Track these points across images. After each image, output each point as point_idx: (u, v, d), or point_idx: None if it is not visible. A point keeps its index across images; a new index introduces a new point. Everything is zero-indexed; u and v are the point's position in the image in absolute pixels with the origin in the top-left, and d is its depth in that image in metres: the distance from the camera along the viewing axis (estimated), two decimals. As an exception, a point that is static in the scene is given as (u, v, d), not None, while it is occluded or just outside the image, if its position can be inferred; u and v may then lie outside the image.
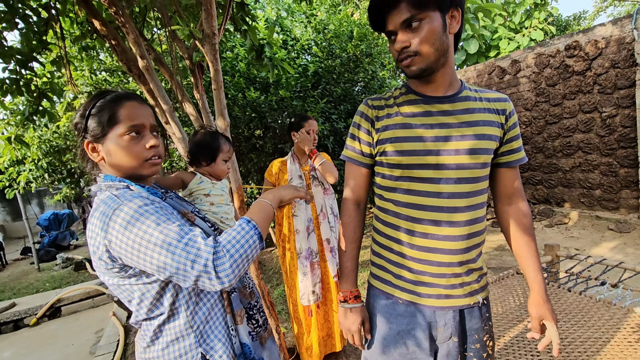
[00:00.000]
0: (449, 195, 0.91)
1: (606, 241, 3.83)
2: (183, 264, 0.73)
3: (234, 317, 0.98)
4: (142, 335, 0.92)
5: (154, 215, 0.78)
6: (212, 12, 1.67)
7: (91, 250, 0.84)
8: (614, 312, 1.83)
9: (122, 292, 0.87)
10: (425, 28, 0.84)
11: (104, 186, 0.86)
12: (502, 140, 0.97)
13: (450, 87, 0.95)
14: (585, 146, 4.62)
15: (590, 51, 4.33)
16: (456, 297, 0.95)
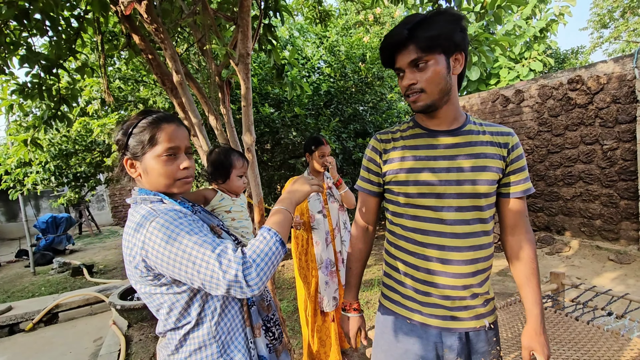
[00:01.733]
0: (452, 222, 0.98)
1: (607, 271, 3.87)
2: (216, 274, 0.77)
3: (253, 330, 1.01)
4: (166, 344, 0.95)
5: (187, 227, 0.83)
6: (248, 34, 1.75)
7: (127, 259, 0.88)
8: (623, 343, 1.85)
9: (152, 300, 0.91)
10: (431, 69, 0.92)
11: (139, 199, 0.92)
12: (505, 172, 1.01)
13: (454, 121, 1.02)
14: (587, 176, 4.73)
15: (592, 86, 4.50)
16: (462, 320, 1.01)
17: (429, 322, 1.02)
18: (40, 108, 3.84)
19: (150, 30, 1.71)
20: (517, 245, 1.05)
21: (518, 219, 1.04)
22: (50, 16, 2.27)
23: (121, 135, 0.93)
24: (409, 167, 1.02)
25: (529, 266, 1.03)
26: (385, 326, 1.11)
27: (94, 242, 8.88)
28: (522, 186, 1.02)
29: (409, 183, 1.01)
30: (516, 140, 1.02)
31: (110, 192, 11.62)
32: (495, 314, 1.08)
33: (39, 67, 2.61)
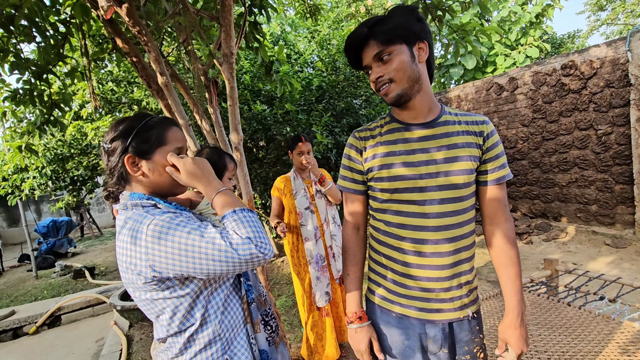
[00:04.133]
0: (435, 215, 0.98)
1: (603, 256, 3.90)
2: (230, 254, 0.81)
3: (253, 326, 1.04)
4: (165, 348, 0.95)
5: (187, 223, 0.84)
6: (231, 34, 1.75)
7: (124, 267, 0.87)
8: (613, 326, 1.88)
9: (153, 307, 0.90)
10: (396, 59, 0.94)
11: (130, 204, 0.90)
12: (481, 160, 1.01)
13: (429, 112, 1.02)
14: (582, 162, 4.74)
15: (586, 71, 4.48)
16: (446, 311, 1.02)
17: (412, 314, 1.04)
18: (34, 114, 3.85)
19: (133, 32, 1.71)
20: (496, 234, 1.04)
21: (496, 207, 1.03)
22: (35, 22, 2.27)
23: (122, 134, 0.91)
24: (389, 163, 1.02)
25: (506, 255, 1.02)
26: (372, 320, 1.14)
27: (95, 244, 8.94)
28: (499, 173, 1.01)
29: (392, 179, 1.01)
30: (491, 128, 1.02)
31: (110, 196, 11.65)
32: (478, 303, 1.08)
33: (29, 73, 2.61)
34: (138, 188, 0.95)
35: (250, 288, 1.07)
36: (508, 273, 1.01)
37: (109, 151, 0.93)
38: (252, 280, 1.12)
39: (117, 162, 0.92)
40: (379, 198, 1.07)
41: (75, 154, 4.95)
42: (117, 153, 0.92)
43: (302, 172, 2.35)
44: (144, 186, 0.95)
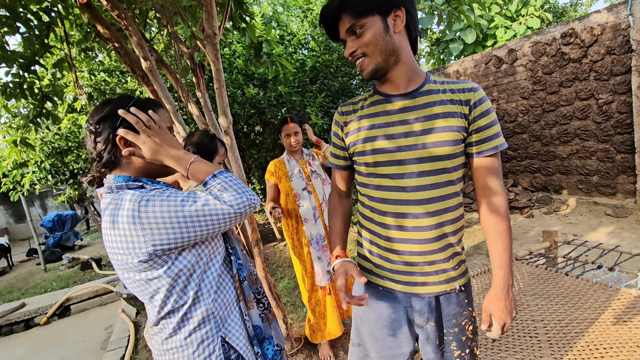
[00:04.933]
0: (413, 189, 0.96)
1: (603, 226, 3.89)
2: (227, 210, 0.88)
3: (246, 303, 1.05)
4: (158, 330, 0.95)
5: (177, 194, 0.87)
6: (213, 13, 1.70)
7: (115, 249, 0.86)
8: (610, 294, 1.88)
9: (148, 287, 0.89)
10: (368, 32, 0.90)
11: (115, 187, 0.88)
12: (468, 131, 0.96)
13: (410, 82, 0.98)
14: (582, 133, 4.67)
15: (586, 38, 4.35)
16: (431, 284, 1.00)
17: (398, 288, 1.04)
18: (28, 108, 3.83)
19: (113, 17, 1.67)
20: (485, 206, 1.00)
21: (486, 179, 0.98)
22: (17, 13, 2.22)
23: (109, 115, 0.89)
24: (369, 136, 1.00)
25: (495, 228, 0.98)
26: (360, 293, 1.14)
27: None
28: (487, 144, 0.95)
29: (370, 152, 1.00)
30: (479, 96, 0.95)
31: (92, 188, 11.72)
32: (467, 276, 1.07)
33: (17, 66, 2.58)
34: (126, 171, 0.93)
35: (241, 267, 1.08)
36: (496, 246, 0.99)
37: (96, 132, 0.90)
38: (243, 259, 1.12)
39: (106, 144, 0.89)
40: (361, 172, 1.06)
41: (73, 147, 4.94)
42: (105, 134, 0.89)
43: (294, 153, 2.33)
44: (134, 168, 0.93)
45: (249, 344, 1.02)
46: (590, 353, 1.47)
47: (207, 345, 0.94)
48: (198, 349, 0.94)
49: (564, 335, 1.62)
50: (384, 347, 1.10)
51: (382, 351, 1.10)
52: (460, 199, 1.01)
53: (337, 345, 2.36)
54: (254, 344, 1.04)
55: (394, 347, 1.09)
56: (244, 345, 1.00)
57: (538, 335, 1.66)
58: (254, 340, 1.04)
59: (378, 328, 1.10)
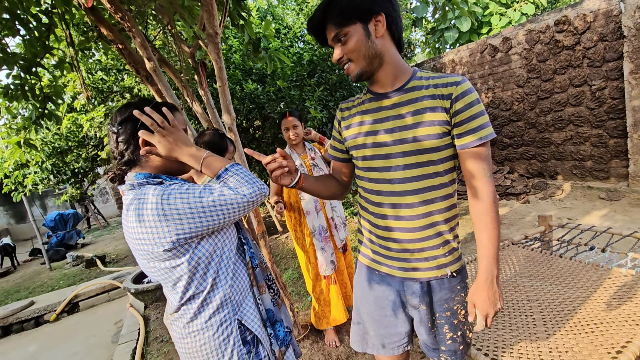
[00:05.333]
0: (399, 181, 1.03)
1: (597, 210, 3.99)
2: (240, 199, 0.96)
3: (259, 288, 1.14)
4: (179, 316, 1.04)
5: (195, 187, 0.94)
6: (214, 12, 1.75)
7: (139, 240, 0.93)
8: (602, 273, 1.98)
9: (171, 274, 0.97)
10: (352, 40, 0.97)
11: (136, 184, 0.96)
12: (452, 124, 0.98)
13: (396, 80, 1.04)
14: (576, 119, 4.74)
15: (579, 25, 4.40)
16: (423, 270, 1.08)
17: (393, 272, 1.13)
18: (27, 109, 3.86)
19: (116, 19, 1.71)
20: (471, 198, 1.03)
21: (471, 170, 1.00)
22: (17, 15, 2.24)
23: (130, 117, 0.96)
24: (363, 132, 1.08)
25: (479, 219, 1.01)
26: (360, 277, 1.24)
27: (103, 234, 9.13)
28: (472, 136, 0.96)
29: (363, 147, 1.08)
30: (462, 89, 0.95)
31: (113, 185, 11.76)
32: (460, 263, 1.11)
33: (18, 68, 2.60)
34: (146, 169, 1.01)
35: (253, 255, 1.16)
36: (480, 237, 1.01)
37: (118, 133, 0.98)
38: (254, 249, 1.20)
39: (128, 144, 0.98)
40: (358, 165, 1.15)
41: (73, 146, 4.98)
42: (127, 135, 0.97)
43: (295, 147, 2.37)
44: (152, 166, 1.01)
45: (262, 326, 1.11)
46: (582, 328, 1.56)
47: (226, 327, 1.03)
48: (217, 330, 1.02)
49: (557, 313, 1.71)
50: (381, 326, 1.19)
51: (379, 330, 1.20)
52: (450, 189, 1.05)
53: (342, 330, 2.46)
54: (267, 326, 1.13)
55: (390, 326, 1.18)
56: (258, 327, 1.09)
57: (533, 314, 1.75)
58: (267, 323, 1.14)
59: (376, 309, 1.19)
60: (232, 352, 1.03)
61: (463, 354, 1.17)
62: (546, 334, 1.57)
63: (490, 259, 0.99)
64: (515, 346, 1.52)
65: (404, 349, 1.22)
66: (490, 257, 0.99)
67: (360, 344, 1.27)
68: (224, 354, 1.03)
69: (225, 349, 1.03)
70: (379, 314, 1.18)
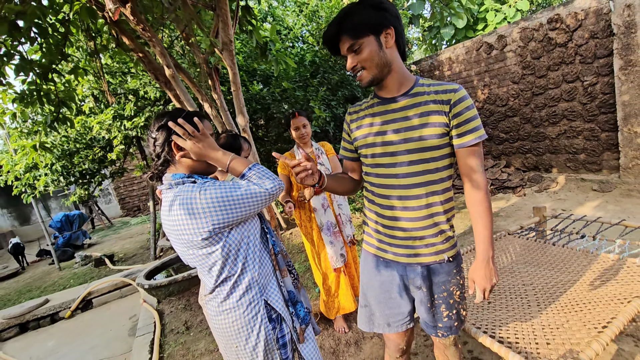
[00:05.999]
0: (404, 175, 1.17)
1: (590, 201, 4.16)
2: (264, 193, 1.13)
3: (281, 272, 1.30)
4: (213, 297, 1.20)
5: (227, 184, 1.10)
6: (228, 22, 1.88)
7: (180, 231, 1.09)
8: (591, 259, 2.13)
9: (208, 260, 1.13)
10: (365, 50, 1.09)
11: (174, 183, 1.12)
12: (450, 126, 1.12)
13: (401, 87, 1.17)
14: (570, 114, 4.90)
15: (571, 23, 4.55)
16: (423, 256, 1.23)
17: (397, 259, 1.27)
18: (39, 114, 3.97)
19: (137, 30, 1.84)
20: (467, 190, 1.18)
21: (467, 166, 1.15)
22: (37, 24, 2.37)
23: (165, 125, 1.12)
24: (369, 133, 1.23)
25: (475, 209, 1.17)
26: (366, 264, 1.39)
27: (108, 234, 9.24)
28: (468, 136, 1.11)
29: (372, 145, 1.22)
30: (459, 96, 1.10)
31: (115, 185, 11.85)
32: (455, 249, 1.26)
33: (34, 74, 2.72)
34: (180, 169, 1.17)
35: (275, 242, 1.32)
36: (477, 224, 1.18)
37: (156, 138, 1.15)
38: (275, 237, 1.35)
39: (163, 147, 1.14)
40: (365, 162, 1.29)
41: (80, 148, 5.09)
42: (162, 140, 1.13)
43: (304, 146, 2.43)
44: (185, 167, 1.17)
45: (285, 306, 1.27)
46: (572, 308, 1.71)
47: (254, 306, 1.19)
48: (247, 309, 1.18)
49: (550, 296, 1.86)
50: (386, 308, 1.34)
51: (384, 310, 1.35)
52: (448, 184, 1.21)
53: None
54: (289, 306, 1.29)
55: (395, 307, 1.33)
56: (282, 306, 1.25)
57: (528, 297, 1.90)
58: (288, 303, 1.30)
59: (382, 292, 1.34)
60: (260, 327, 1.19)
61: (457, 330, 1.33)
62: (539, 314, 1.73)
63: (486, 242, 1.16)
64: (511, 324, 1.67)
65: (407, 327, 1.37)
66: (486, 240, 1.16)
67: (367, 325, 1.42)
68: (253, 329, 1.18)
69: (253, 324, 1.18)
70: (384, 297, 1.33)
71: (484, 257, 1.16)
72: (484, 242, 1.16)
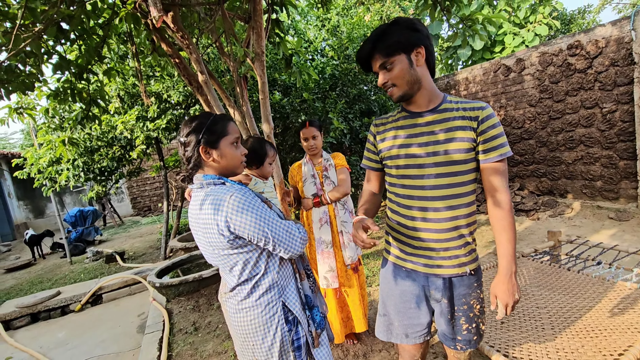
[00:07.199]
0: (431, 187, 1.20)
1: (606, 229, 4.10)
2: (298, 239, 1.20)
3: (300, 275, 1.34)
4: (234, 294, 1.24)
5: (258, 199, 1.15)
6: (262, 34, 1.97)
7: (207, 230, 1.14)
8: (607, 286, 2.11)
9: (229, 260, 1.18)
10: (396, 68, 1.16)
11: (205, 183, 1.18)
12: (477, 142, 1.16)
13: (430, 102, 1.22)
14: (587, 140, 4.88)
15: (592, 50, 4.57)
16: (446, 267, 1.24)
17: (418, 269, 1.29)
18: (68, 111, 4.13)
19: (176, 37, 1.95)
20: (491, 205, 1.20)
21: (492, 181, 1.18)
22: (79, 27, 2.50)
23: (194, 129, 1.18)
24: (397, 144, 1.27)
25: (498, 224, 1.18)
26: (387, 273, 1.41)
27: (119, 232, 9.39)
28: (494, 152, 1.15)
29: (397, 157, 1.26)
30: (487, 114, 1.15)
31: (129, 185, 12.08)
32: (477, 262, 1.27)
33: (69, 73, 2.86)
34: (209, 171, 1.22)
35: None
36: (500, 238, 1.18)
37: (185, 143, 1.20)
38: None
39: (193, 152, 1.19)
40: (390, 174, 1.33)
41: (102, 146, 5.25)
42: (192, 144, 1.19)
43: (313, 157, 2.32)
44: (214, 169, 1.22)
45: (302, 309, 1.30)
46: (587, 333, 1.70)
47: (272, 307, 1.22)
48: (265, 309, 1.22)
49: (564, 320, 1.85)
50: (405, 317, 1.36)
51: (403, 320, 1.36)
52: (472, 198, 1.24)
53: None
54: (305, 309, 1.32)
55: (414, 317, 1.34)
56: (299, 309, 1.28)
57: (542, 320, 1.89)
58: (305, 307, 1.33)
59: (401, 302, 1.35)
60: (277, 328, 1.22)
61: (476, 344, 1.33)
62: (553, 337, 1.72)
63: (509, 256, 1.17)
64: (525, 345, 1.67)
65: (424, 339, 1.39)
66: (509, 255, 1.17)
67: (385, 334, 1.44)
68: (269, 329, 1.22)
69: (270, 324, 1.22)
70: (403, 307, 1.35)
71: (507, 271, 1.17)
72: (507, 257, 1.17)
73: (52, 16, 1.91)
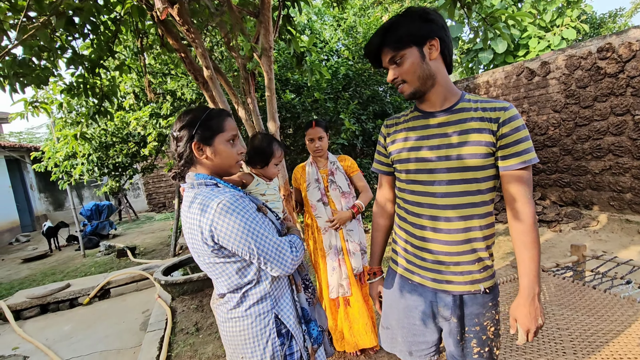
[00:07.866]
0: (442, 195, 1.08)
1: (635, 244, 3.83)
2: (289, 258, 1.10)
3: (297, 287, 1.24)
4: (224, 302, 1.15)
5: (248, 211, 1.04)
6: (270, 29, 1.89)
7: (191, 234, 1.05)
8: (638, 308, 1.92)
9: (215, 269, 1.09)
10: (407, 62, 1.04)
11: (196, 183, 1.09)
12: (496, 146, 1.02)
13: (445, 101, 1.09)
14: (617, 149, 4.59)
15: (624, 53, 4.31)
16: (456, 283, 1.11)
17: (426, 283, 1.16)
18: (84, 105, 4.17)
19: (182, 31, 1.89)
20: (512, 218, 1.05)
21: (512, 192, 1.03)
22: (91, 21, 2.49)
23: (188, 124, 1.09)
24: (407, 147, 1.15)
25: (519, 239, 1.04)
26: (391, 284, 1.29)
27: (132, 227, 9.54)
28: (516, 159, 1.00)
29: (407, 161, 1.15)
30: (509, 115, 1.01)
31: (145, 181, 12.29)
32: (493, 280, 1.13)
33: (82, 68, 2.86)
34: (201, 169, 1.13)
35: None
36: (522, 256, 1.04)
37: (178, 138, 1.11)
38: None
39: (185, 147, 1.10)
40: (400, 178, 1.21)
41: (116, 142, 5.30)
42: (184, 140, 1.10)
43: (318, 159, 2.22)
44: (207, 168, 1.13)
45: (297, 323, 1.20)
46: (614, 361, 1.53)
47: (263, 318, 1.12)
48: (255, 320, 1.12)
49: (589, 344, 1.68)
50: (409, 334, 1.23)
51: (407, 337, 1.24)
52: (489, 208, 1.10)
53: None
54: (301, 323, 1.21)
55: (419, 334, 1.22)
56: (293, 323, 1.18)
57: (563, 342, 1.73)
58: (301, 320, 1.22)
59: (406, 317, 1.23)
60: (267, 341, 1.12)
61: None
62: (576, 364, 1.56)
63: (532, 276, 1.03)
64: (544, 371, 1.52)
65: (431, 358, 1.26)
66: (532, 274, 1.03)
67: (390, 345, 1.32)
68: (259, 342, 1.12)
69: (261, 337, 1.12)
70: (407, 322, 1.23)
71: (529, 293, 1.03)
72: (529, 276, 1.03)
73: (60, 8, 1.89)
